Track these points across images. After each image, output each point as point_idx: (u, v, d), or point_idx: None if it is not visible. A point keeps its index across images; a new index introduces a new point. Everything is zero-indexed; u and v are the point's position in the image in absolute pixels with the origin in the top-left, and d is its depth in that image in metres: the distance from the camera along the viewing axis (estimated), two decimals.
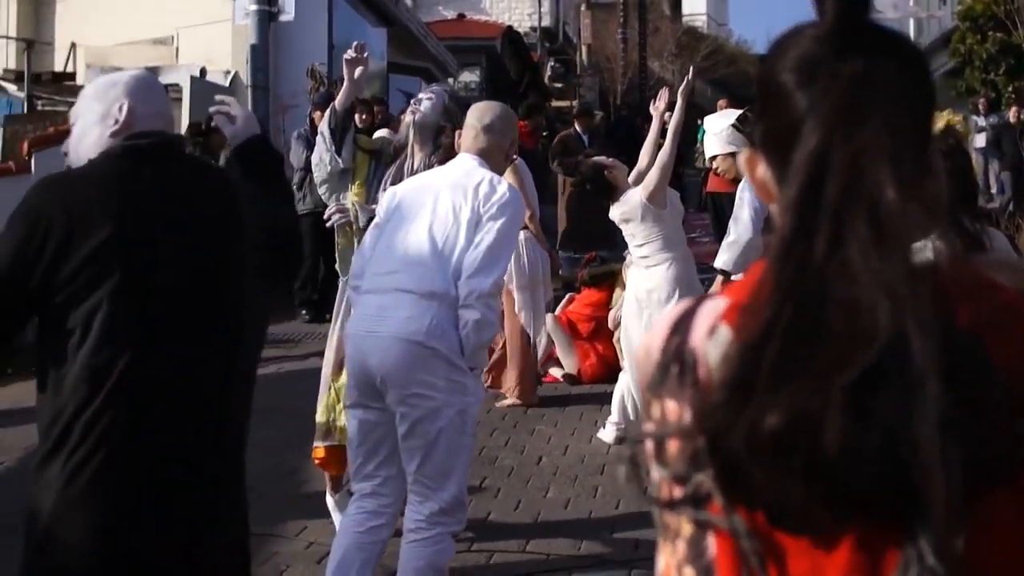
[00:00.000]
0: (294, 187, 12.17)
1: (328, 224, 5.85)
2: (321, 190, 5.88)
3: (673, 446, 1.26)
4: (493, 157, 4.84)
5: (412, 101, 5.85)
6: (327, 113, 5.76)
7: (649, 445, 1.29)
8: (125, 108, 3.13)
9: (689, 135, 14.90)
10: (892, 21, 16.71)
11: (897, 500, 1.14)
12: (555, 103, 32.99)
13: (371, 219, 5.37)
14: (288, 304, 12.01)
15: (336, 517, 5.96)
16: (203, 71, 14.75)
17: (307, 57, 15.61)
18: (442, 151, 5.55)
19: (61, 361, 2.89)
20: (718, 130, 7.05)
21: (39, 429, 2.96)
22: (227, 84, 15.03)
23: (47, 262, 2.86)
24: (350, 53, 5.76)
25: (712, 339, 1.28)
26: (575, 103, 28.63)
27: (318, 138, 5.83)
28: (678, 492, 1.25)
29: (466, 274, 4.44)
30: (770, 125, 1.33)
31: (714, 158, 7.19)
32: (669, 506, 1.28)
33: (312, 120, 12.09)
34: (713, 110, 15.25)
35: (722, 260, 7.08)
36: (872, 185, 1.18)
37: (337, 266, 5.89)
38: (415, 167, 5.58)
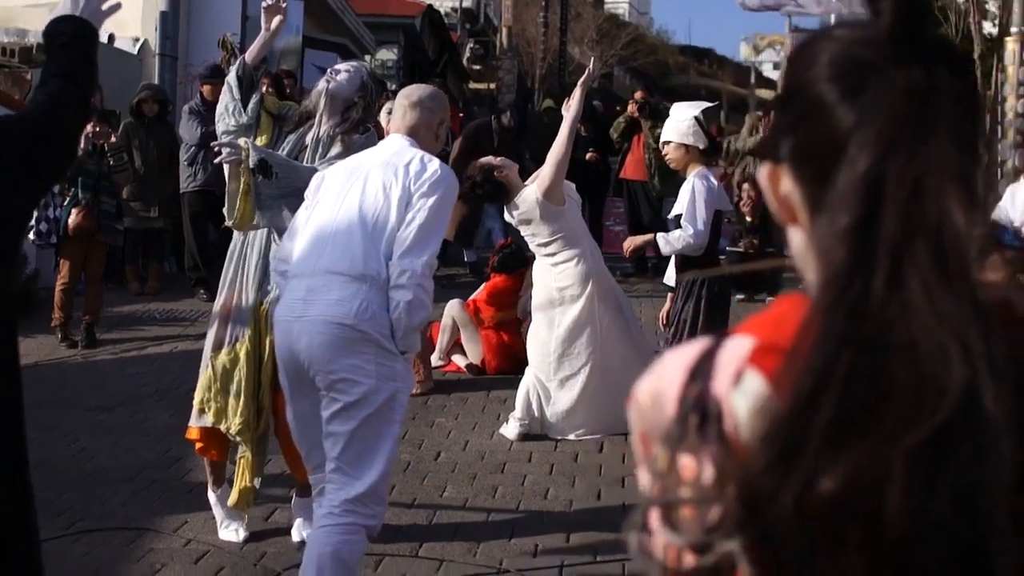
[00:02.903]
0: (184, 163, 11.84)
1: (216, 160, 5.37)
2: (223, 141, 5.45)
3: (687, 510, 1.12)
4: (422, 135, 4.70)
5: (329, 71, 5.56)
6: (238, 62, 5.52)
7: (655, 506, 1.16)
8: None
9: (609, 124, 14.56)
10: (814, 16, 16.64)
11: (969, 573, 1.02)
12: (473, 85, 32.77)
13: (262, 160, 5.10)
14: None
15: (217, 513, 5.66)
16: (111, 37, 14.27)
17: (220, 27, 15.16)
18: (348, 125, 5.32)
19: None
20: (682, 118, 6.70)
21: None
22: (135, 52, 14.67)
23: None
24: (269, 0, 5.47)
25: (738, 387, 1.14)
26: (493, 86, 28.43)
27: (224, 87, 5.57)
28: (690, 560, 1.11)
29: (397, 253, 4.28)
30: (803, 140, 1.18)
31: (667, 143, 6.80)
32: None
33: (202, 94, 12.04)
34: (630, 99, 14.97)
35: (667, 250, 6.69)
36: (937, 211, 1.06)
37: (225, 210, 5.37)
38: (319, 136, 5.37)
